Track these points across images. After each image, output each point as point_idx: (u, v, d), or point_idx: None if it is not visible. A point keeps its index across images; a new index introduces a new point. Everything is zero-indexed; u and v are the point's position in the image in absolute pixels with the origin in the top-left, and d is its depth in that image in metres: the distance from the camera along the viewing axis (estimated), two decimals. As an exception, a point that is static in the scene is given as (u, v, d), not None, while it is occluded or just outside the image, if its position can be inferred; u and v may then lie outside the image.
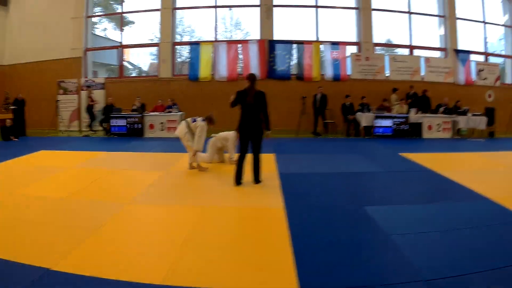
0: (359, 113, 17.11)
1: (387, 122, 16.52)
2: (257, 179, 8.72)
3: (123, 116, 18.05)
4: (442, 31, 20.57)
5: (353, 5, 20.39)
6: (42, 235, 5.94)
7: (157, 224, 6.70)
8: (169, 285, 4.43)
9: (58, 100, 20.72)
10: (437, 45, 20.83)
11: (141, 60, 25.79)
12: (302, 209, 6.97)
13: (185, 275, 4.65)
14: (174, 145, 12.74)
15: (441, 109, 17.06)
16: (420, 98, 17.98)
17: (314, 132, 17.84)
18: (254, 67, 19.42)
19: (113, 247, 5.54)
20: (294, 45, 19.81)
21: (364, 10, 19.82)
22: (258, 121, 8.56)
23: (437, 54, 20.66)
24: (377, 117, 16.63)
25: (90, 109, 19.44)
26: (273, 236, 5.76)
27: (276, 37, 20.04)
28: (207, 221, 6.57)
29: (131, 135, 17.78)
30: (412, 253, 5.00)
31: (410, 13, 20.28)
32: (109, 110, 18.59)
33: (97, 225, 6.31)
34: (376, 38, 20.23)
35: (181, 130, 10.48)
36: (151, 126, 17.87)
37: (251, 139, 8.63)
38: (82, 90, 21.09)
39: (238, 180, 8.68)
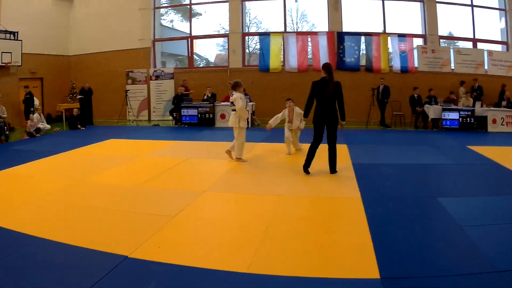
0: (427, 105, 17.44)
1: (454, 115, 16.77)
2: (333, 169, 9.09)
3: (194, 106, 18.76)
4: (503, 24, 20.58)
5: None
6: (119, 223, 6.31)
7: (236, 213, 6.99)
8: (255, 273, 4.58)
9: (127, 90, 21.75)
10: (499, 39, 20.78)
11: (207, 51, 26.72)
12: (378, 200, 7.22)
13: (269, 263, 4.81)
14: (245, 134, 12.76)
15: (504, 102, 17.12)
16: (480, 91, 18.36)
17: (383, 123, 18.34)
18: (324, 58, 20.02)
19: (191, 235, 5.82)
20: (362, 37, 20.35)
21: (428, 3, 20.08)
22: (334, 111, 8.87)
23: (499, 47, 20.61)
24: (444, 110, 16.88)
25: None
26: (352, 225, 6.00)
27: (344, 28, 20.60)
28: (286, 210, 6.82)
29: (202, 125, 18.41)
30: (484, 244, 5.16)
31: (472, 6, 20.36)
32: (180, 100, 19.37)
33: (174, 212, 6.59)
34: (441, 31, 20.48)
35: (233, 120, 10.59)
36: (222, 116, 18.57)
37: (327, 129, 8.95)
38: (151, 80, 22.20)
39: (306, 168, 9.09)
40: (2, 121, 15.87)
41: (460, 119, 16.78)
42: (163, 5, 25.25)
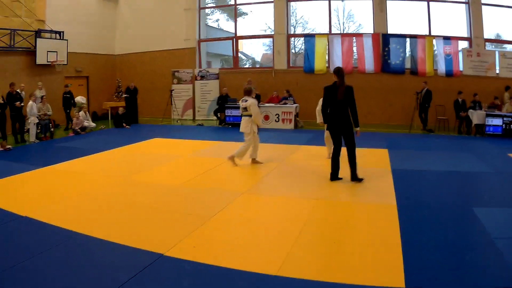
0: (471, 111, 17.42)
1: (497, 121, 16.68)
2: (354, 177, 9.04)
3: (238, 107, 18.86)
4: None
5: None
6: (157, 221, 6.66)
7: (272, 215, 7.23)
8: (284, 276, 4.79)
9: (172, 90, 22.72)
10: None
11: (254, 50, 27.43)
12: (413, 207, 7.39)
13: (298, 267, 5.03)
14: (289, 136, 12.48)
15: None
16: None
17: (426, 128, 18.41)
18: (369, 61, 20.56)
19: (226, 236, 6.09)
20: (408, 39, 20.51)
21: (473, 5, 19.99)
22: (347, 116, 8.79)
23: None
24: (487, 115, 16.81)
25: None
26: (384, 232, 6.13)
27: (389, 30, 20.83)
28: (321, 214, 7.10)
29: None
30: None
31: None
32: (224, 100, 20.09)
33: (212, 213, 6.91)
34: (486, 34, 20.35)
35: (244, 125, 10.85)
36: (266, 117, 19.14)
37: (343, 136, 8.97)
38: (196, 80, 23.01)
39: (334, 176, 9.13)
40: (47, 119, 16.99)
41: (503, 125, 16.65)
42: (208, 5, 26.04)
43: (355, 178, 9.02)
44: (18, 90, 16.41)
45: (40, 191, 8.72)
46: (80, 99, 20.20)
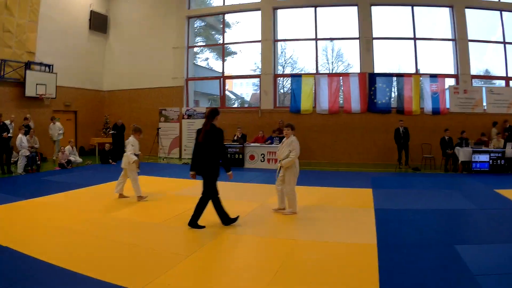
0: (457, 148, 17.54)
1: (484, 157, 16.88)
2: (223, 221, 8.58)
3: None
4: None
5: (450, 37, 21.07)
6: (134, 258, 6.65)
7: (249, 255, 7.22)
8: None
9: (159, 128, 23.00)
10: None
11: (244, 90, 27.62)
12: (394, 247, 7.30)
13: None
14: (273, 176, 12.54)
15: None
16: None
17: (412, 167, 18.47)
18: (355, 100, 20.80)
19: (200, 275, 6.08)
20: (394, 78, 20.89)
21: (460, 41, 20.48)
22: (207, 161, 8.36)
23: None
24: (474, 152, 16.98)
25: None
26: (362, 273, 6.03)
27: (376, 69, 21.19)
28: (298, 254, 6.97)
29: (232, 165, 18.15)
30: None
31: (505, 43, 20.61)
32: None
33: (189, 252, 6.90)
34: (473, 70, 20.81)
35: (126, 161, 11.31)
36: (252, 157, 19.26)
37: (203, 179, 8.48)
38: (183, 118, 23.26)
39: (193, 223, 8.43)
40: (34, 151, 17.11)
41: (490, 161, 16.89)
42: (197, 43, 26.57)
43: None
44: (5, 121, 16.64)
45: (22, 223, 8.87)
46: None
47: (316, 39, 22.42)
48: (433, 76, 20.59)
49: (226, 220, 8.55)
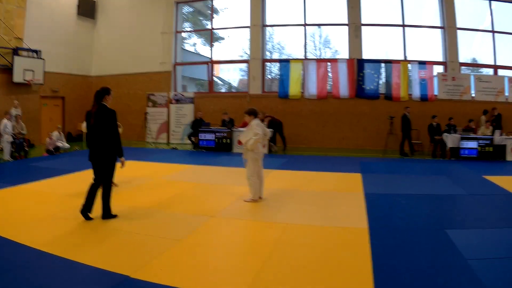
0: (445, 134, 17.60)
1: (473, 144, 16.91)
2: (104, 213, 7.86)
3: (211, 131, 19.42)
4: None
5: (439, 24, 20.97)
6: (125, 243, 6.61)
7: (241, 239, 7.27)
8: None
9: (147, 113, 22.95)
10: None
11: (231, 75, 27.39)
12: (385, 231, 7.27)
13: None
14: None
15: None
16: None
17: (401, 152, 18.47)
18: (343, 86, 20.68)
19: (193, 259, 5.98)
20: (383, 64, 20.76)
21: (449, 29, 20.39)
22: (98, 145, 7.71)
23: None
24: (462, 139, 17.00)
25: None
26: (355, 256, 6.03)
27: (364, 56, 21.06)
28: (291, 238, 6.92)
29: (220, 150, 19.04)
30: (488, 278, 5.14)
31: (493, 32, 20.55)
32: (198, 124, 20.00)
33: (180, 236, 6.87)
34: (462, 58, 20.74)
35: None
36: (240, 142, 18.98)
37: (95, 165, 7.89)
38: (171, 103, 23.08)
39: (85, 212, 7.75)
40: (22, 138, 16.86)
41: (479, 148, 16.90)
42: (185, 29, 26.25)
43: (105, 216, 7.84)
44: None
45: (11, 210, 8.67)
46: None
47: (305, 25, 22.19)
48: (421, 63, 20.50)
49: (107, 213, 7.83)
